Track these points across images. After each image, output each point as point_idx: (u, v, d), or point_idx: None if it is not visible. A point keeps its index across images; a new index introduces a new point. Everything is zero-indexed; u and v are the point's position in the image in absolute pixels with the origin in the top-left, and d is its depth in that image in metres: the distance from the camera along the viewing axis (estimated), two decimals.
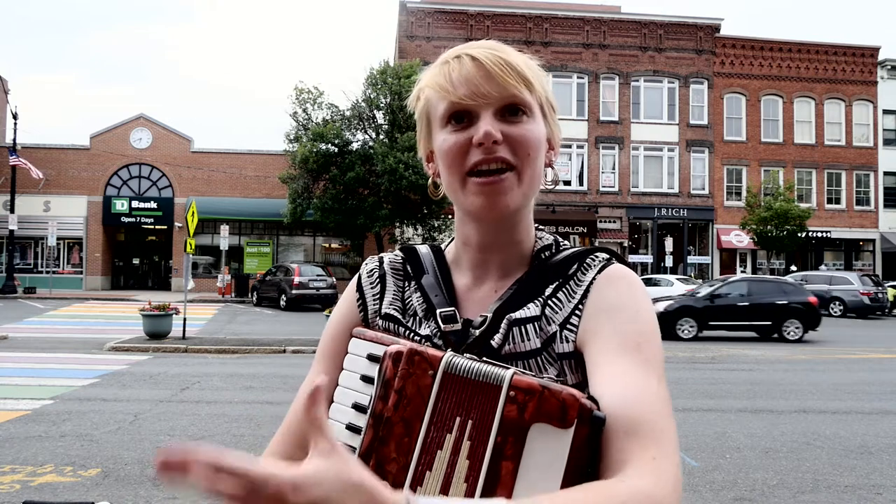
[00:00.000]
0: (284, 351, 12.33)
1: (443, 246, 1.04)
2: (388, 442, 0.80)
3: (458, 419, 0.77)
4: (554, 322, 0.87)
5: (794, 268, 31.11)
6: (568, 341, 0.86)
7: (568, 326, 0.87)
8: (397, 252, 1.05)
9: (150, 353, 11.82)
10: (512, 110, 0.88)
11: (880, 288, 25.45)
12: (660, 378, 0.80)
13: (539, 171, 0.91)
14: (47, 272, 29.67)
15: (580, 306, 0.87)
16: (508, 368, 0.77)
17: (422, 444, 0.78)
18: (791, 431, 6.67)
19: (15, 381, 8.89)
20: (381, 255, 1.06)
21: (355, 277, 1.04)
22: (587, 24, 32.48)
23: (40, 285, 28.49)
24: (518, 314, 0.89)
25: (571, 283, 0.90)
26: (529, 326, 0.88)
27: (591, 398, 0.74)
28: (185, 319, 13.37)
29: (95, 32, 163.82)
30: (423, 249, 1.03)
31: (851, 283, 25.06)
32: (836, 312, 24.90)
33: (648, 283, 26.46)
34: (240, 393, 8.34)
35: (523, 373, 0.77)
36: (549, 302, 0.89)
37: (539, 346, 0.87)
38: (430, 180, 0.99)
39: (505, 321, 0.88)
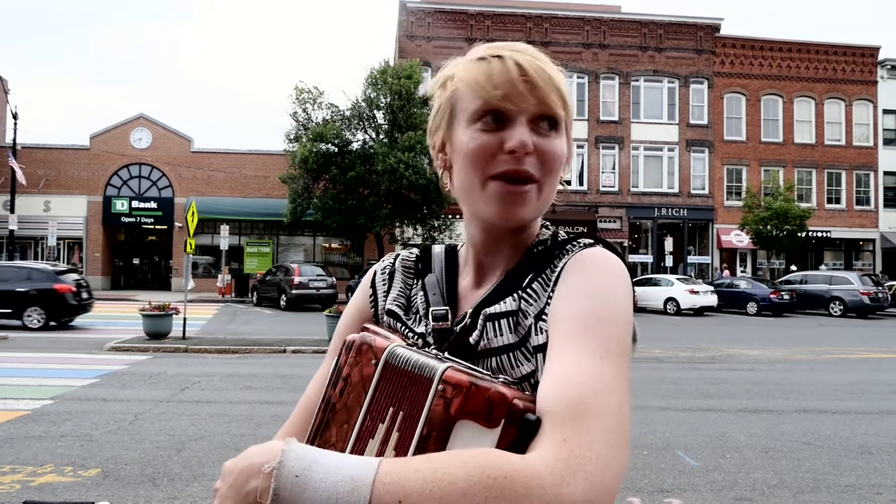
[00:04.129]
0: (284, 351, 12.33)
1: (459, 246, 1.05)
2: (331, 426, 0.83)
3: (391, 409, 0.78)
4: (530, 315, 0.85)
5: (794, 267, 31.12)
6: (542, 332, 0.83)
7: (542, 317, 0.84)
8: (413, 250, 1.07)
9: (150, 353, 11.82)
10: (545, 123, 0.87)
11: (880, 287, 25.41)
12: (602, 356, 0.73)
13: (555, 188, 0.91)
14: None
15: (552, 294, 0.84)
16: (445, 362, 0.76)
17: (357, 431, 0.80)
18: (791, 431, 6.67)
19: (15, 381, 8.89)
20: (399, 252, 1.08)
21: (370, 271, 1.07)
22: (587, 24, 32.49)
23: None
24: (493, 309, 0.88)
25: (547, 271, 0.88)
26: (503, 321, 0.86)
27: (531, 399, 0.72)
28: (185, 319, 13.38)
29: (95, 32, 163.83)
30: (437, 249, 1.05)
31: (851, 282, 25.00)
32: (836, 312, 24.86)
33: (648, 282, 26.45)
34: (240, 393, 8.34)
35: (468, 369, 0.76)
36: (525, 294, 0.87)
37: (513, 340, 0.85)
38: (441, 171, 0.97)
39: (481, 317, 0.88)
